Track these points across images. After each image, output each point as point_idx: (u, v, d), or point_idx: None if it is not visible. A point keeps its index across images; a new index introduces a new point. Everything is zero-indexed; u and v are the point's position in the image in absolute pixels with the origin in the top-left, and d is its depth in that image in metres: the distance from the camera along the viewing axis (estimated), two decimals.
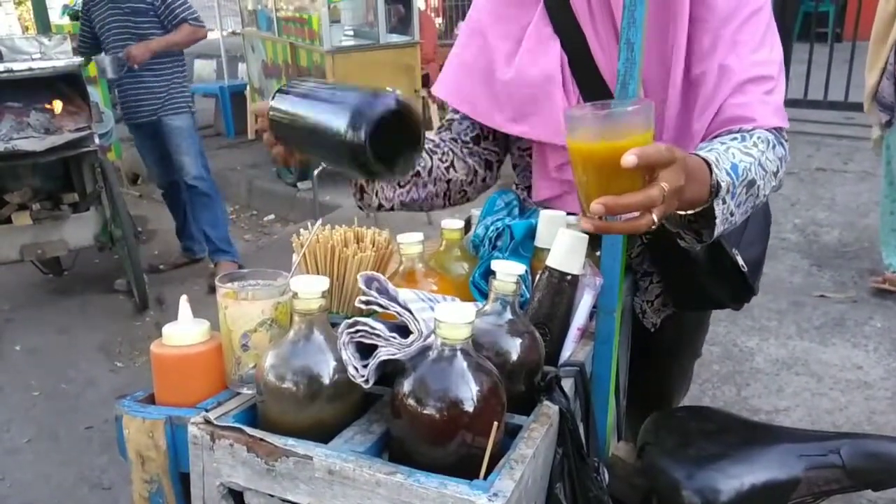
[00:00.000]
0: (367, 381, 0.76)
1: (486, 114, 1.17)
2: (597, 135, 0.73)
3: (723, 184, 0.86)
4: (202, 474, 0.79)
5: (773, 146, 0.99)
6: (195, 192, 3.85)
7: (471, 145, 1.24)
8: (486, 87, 1.15)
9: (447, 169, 1.20)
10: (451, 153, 1.21)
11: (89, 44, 3.79)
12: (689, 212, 0.88)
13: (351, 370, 0.76)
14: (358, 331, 0.76)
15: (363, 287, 0.79)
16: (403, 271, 0.99)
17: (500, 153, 1.28)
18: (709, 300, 1.25)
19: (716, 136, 1.00)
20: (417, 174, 1.16)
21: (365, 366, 0.75)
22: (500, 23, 1.14)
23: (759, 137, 0.97)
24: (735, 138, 0.97)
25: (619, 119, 0.74)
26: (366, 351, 0.77)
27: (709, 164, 0.86)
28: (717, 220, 0.88)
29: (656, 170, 0.73)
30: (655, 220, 0.74)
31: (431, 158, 1.18)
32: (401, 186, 1.15)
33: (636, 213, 0.74)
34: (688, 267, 1.14)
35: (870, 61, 2.95)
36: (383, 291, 0.79)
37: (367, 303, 0.78)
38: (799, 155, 4.72)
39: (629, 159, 0.69)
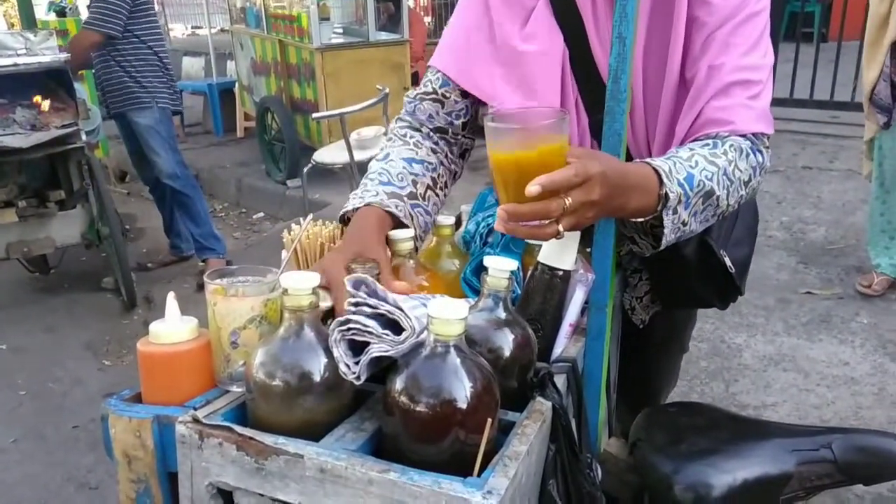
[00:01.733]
0: (358, 378, 0.75)
1: (489, 96, 1.12)
2: (510, 145, 0.78)
3: (672, 195, 0.87)
4: (190, 474, 0.78)
5: (747, 155, 0.97)
6: (171, 190, 3.80)
7: (459, 131, 1.20)
8: (493, 68, 1.10)
9: (444, 192, 1.17)
10: (444, 172, 1.17)
11: None
12: (640, 219, 0.91)
13: (342, 367, 0.75)
14: (350, 328, 0.76)
15: (351, 290, 0.79)
16: (394, 267, 0.98)
17: (475, 140, 1.25)
18: (696, 299, 1.25)
19: (693, 140, 1.00)
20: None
21: (356, 362, 0.75)
22: (506, 5, 1.10)
23: (731, 145, 0.96)
24: (706, 145, 0.96)
25: (531, 132, 0.78)
26: (357, 348, 0.77)
27: (659, 175, 0.87)
28: (666, 230, 0.91)
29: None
30: (561, 229, 0.79)
31: (439, 197, 1.15)
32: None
33: (544, 221, 0.78)
34: (676, 267, 1.14)
35: (865, 63, 2.97)
36: (372, 294, 0.78)
37: (356, 304, 0.78)
38: (785, 153, 4.76)
39: (533, 189, 0.75)
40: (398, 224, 1.03)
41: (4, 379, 3.02)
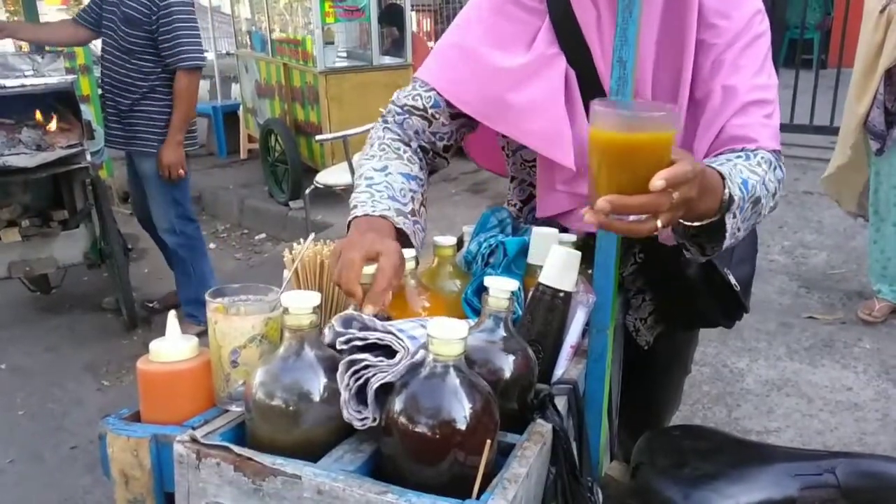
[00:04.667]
0: (374, 420, 0.74)
1: (487, 117, 1.11)
2: (621, 127, 0.72)
3: (735, 198, 0.87)
4: (187, 494, 0.77)
5: (774, 168, 1.01)
6: (166, 246, 3.38)
7: (439, 152, 1.19)
8: (487, 88, 1.09)
9: (426, 209, 1.15)
10: (426, 190, 1.15)
11: (90, 21, 3.20)
12: (697, 223, 0.88)
13: (347, 413, 0.74)
14: (356, 372, 0.75)
15: (340, 329, 0.79)
16: (396, 287, 0.98)
17: (450, 159, 1.23)
18: (702, 319, 1.26)
19: (720, 153, 1.01)
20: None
21: (365, 404, 0.74)
22: (507, 29, 1.11)
23: (762, 157, 0.99)
24: (740, 156, 0.98)
25: (649, 120, 0.74)
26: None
27: (723, 178, 0.87)
28: (727, 234, 0.88)
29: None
30: (659, 226, 0.74)
31: (425, 211, 1.13)
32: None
33: (641, 217, 0.74)
34: (682, 286, 1.15)
35: (856, 93, 2.97)
36: (363, 328, 0.78)
37: (348, 341, 0.78)
38: (786, 178, 4.76)
39: (658, 183, 0.70)
40: (404, 242, 1.02)
41: (3, 399, 3.00)
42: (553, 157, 1.07)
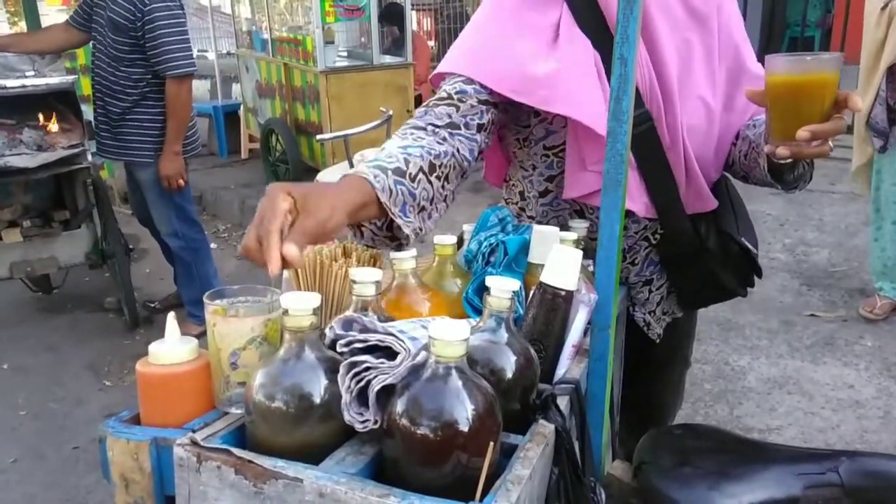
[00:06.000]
0: (375, 423, 0.74)
1: (524, 93, 1.09)
2: (823, 72, 0.91)
3: None
4: (188, 498, 0.77)
5: None
6: (170, 249, 3.38)
7: (473, 132, 1.10)
8: (521, 66, 1.09)
9: (443, 184, 1.06)
10: (449, 162, 1.05)
11: (81, 22, 3.15)
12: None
13: (349, 416, 0.74)
14: (357, 374, 0.74)
15: (340, 331, 0.78)
16: (396, 287, 0.98)
17: (489, 142, 1.16)
18: (720, 291, 1.30)
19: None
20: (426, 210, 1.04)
21: (366, 406, 0.74)
22: (529, 14, 1.13)
23: None
24: None
25: (833, 62, 0.91)
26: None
27: None
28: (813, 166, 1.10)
29: (839, 107, 0.92)
30: (831, 147, 0.93)
31: (434, 188, 1.04)
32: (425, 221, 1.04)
33: (819, 141, 0.91)
34: (702, 261, 1.22)
35: (861, 89, 2.96)
36: (363, 330, 0.78)
37: (348, 344, 0.77)
38: None
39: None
40: (374, 199, 0.91)
41: (5, 398, 3.00)
42: (591, 125, 1.08)
